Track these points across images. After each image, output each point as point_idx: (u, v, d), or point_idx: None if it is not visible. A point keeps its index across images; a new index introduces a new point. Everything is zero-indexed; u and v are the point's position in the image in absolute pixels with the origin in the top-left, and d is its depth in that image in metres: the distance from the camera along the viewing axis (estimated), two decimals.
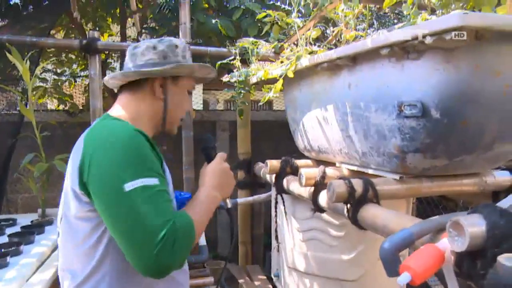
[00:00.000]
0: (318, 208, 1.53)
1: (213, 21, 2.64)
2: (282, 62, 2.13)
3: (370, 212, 1.19)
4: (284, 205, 1.96)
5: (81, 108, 4.94)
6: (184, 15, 2.59)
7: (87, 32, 2.63)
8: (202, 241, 2.63)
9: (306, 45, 1.68)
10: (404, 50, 1.14)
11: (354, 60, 1.36)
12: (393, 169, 1.35)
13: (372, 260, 1.74)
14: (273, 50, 2.40)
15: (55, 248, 1.73)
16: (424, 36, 1.02)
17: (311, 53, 1.76)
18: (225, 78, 2.19)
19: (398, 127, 1.22)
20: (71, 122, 4.77)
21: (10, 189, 3.33)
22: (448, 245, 0.80)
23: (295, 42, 2.41)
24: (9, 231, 1.93)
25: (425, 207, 3.16)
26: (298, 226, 1.95)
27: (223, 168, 1.30)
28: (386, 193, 1.28)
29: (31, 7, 3.45)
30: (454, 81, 1.08)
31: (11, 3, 3.44)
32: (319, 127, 1.68)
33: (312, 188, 1.52)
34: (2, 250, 1.61)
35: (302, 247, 1.93)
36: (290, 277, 2.03)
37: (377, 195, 1.25)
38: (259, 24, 3.02)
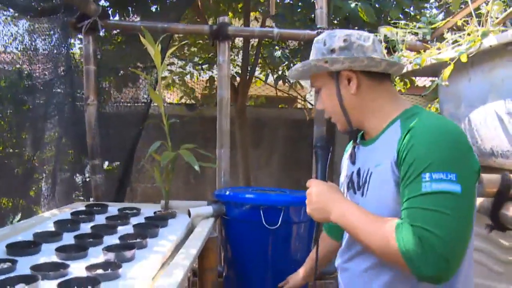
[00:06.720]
0: (498, 225, 1.21)
1: (352, 4, 2.38)
2: (438, 48, 1.83)
3: None
4: None
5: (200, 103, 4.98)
6: None
7: (217, 19, 2.54)
8: None
9: (484, 23, 1.36)
10: None
11: None
12: None
13: None
14: (421, 36, 2.08)
15: (178, 244, 1.61)
16: None
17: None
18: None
19: None
20: (190, 116, 4.83)
21: (133, 178, 3.33)
22: None
23: (454, 27, 2.08)
24: (133, 220, 1.87)
25: None
26: None
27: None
28: None
29: (155, 6, 3.49)
30: None
31: None
32: (498, 125, 1.35)
33: (491, 199, 1.21)
34: (129, 241, 1.53)
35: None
36: None
37: None
38: (403, 6, 2.67)
